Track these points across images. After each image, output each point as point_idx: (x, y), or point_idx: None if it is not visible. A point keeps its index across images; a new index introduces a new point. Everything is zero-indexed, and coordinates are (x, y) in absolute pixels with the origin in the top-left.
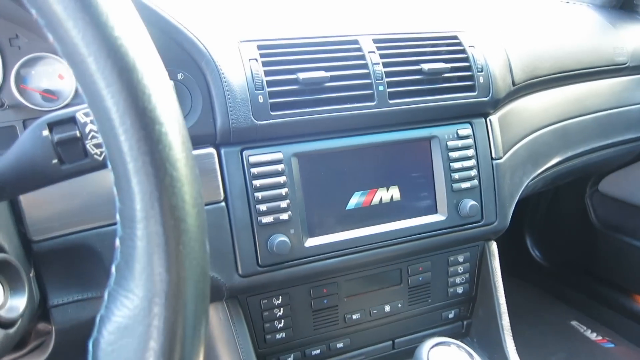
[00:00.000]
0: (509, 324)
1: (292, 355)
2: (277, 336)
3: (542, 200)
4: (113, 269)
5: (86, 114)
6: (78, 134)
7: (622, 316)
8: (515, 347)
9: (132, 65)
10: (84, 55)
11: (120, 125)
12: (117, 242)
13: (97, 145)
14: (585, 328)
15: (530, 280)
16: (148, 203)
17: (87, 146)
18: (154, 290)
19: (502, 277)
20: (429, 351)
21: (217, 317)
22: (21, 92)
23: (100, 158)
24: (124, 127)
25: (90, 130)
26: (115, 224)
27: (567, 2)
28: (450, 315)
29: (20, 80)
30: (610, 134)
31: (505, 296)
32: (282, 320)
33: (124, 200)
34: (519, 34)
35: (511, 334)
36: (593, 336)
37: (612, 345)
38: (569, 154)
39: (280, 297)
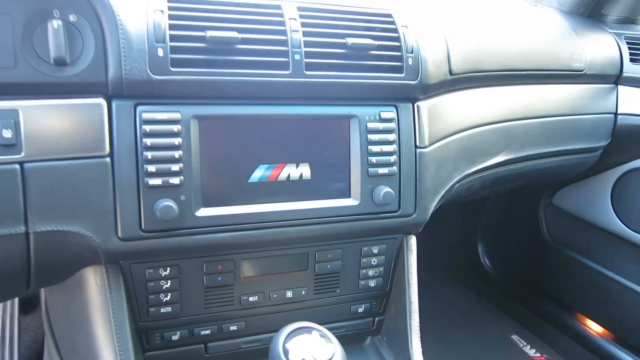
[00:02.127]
0: (417, 324)
1: (179, 333)
2: (162, 310)
3: (496, 210)
4: None
5: None
6: None
7: (563, 334)
8: (421, 349)
9: None
10: None
11: None
12: None
13: None
14: (524, 343)
15: (477, 289)
16: None
17: None
18: None
19: (449, 284)
20: (285, 338)
21: (93, 283)
22: None
23: None
24: None
25: None
26: None
27: (535, 5)
28: (360, 310)
29: None
30: (559, 142)
31: (450, 305)
32: (169, 294)
33: None
34: (467, 24)
35: (419, 335)
36: (531, 352)
37: None
38: (512, 156)
39: (169, 268)
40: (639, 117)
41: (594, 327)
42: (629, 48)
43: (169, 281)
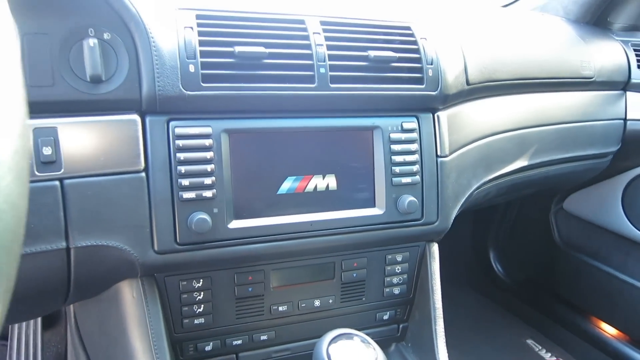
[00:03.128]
0: (443, 330)
1: (211, 344)
2: (196, 321)
3: (507, 216)
4: None
5: None
6: None
7: (578, 337)
8: (447, 355)
9: None
10: None
11: None
12: None
13: None
14: (540, 347)
15: (491, 296)
16: None
17: None
18: None
19: (464, 292)
20: (328, 345)
21: (129, 295)
22: None
23: None
24: None
25: None
26: None
27: (543, 15)
28: (385, 317)
29: None
30: (571, 148)
31: (465, 311)
32: (202, 305)
33: None
34: (481, 35)
35: (444, 340)
36: (547, 356)
37: None
38: (526, 163)
39: (202, 280)
40: None
41: (608, 330)
42: (637, 55)
43: (202, 293)
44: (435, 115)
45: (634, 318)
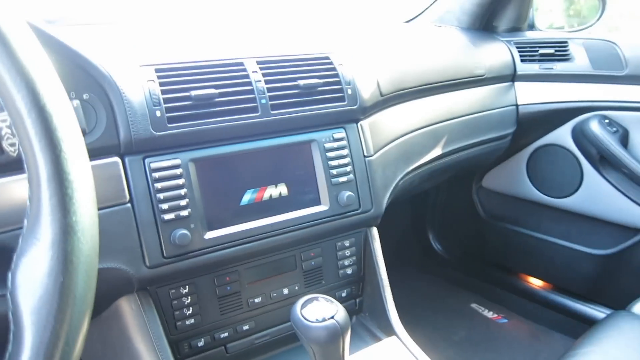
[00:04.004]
0: (391, 296)
1: (203, 340)
2: (187, 322)
3: (438, 200)
4: (25, 222)
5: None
6: None
7: (512, 294)
8: (399, 315)
9: (38, 89)
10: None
11: (31, 129)
12: (28, 202)
13: (12, 144)
14: (483, 308)
15: (434, 272)
16: (49, 174)
17: (3, 145)
18: (54, 234)
19: (411, 272)
20: (301, 308)
21: (129, 308)
22: None
23: (14, 154)
24: (34, 132)
25: (6, 133)
26: None
27: (439, 26)
28: (343, 294)
29: None
30: (475, 135)
31: (413, 289)
32: (191, 308)
33: (32, 174)
34: (388, 52)
35: (394, 304)
36: (490, 315)
37: (506, 321)
38: (440, 152)
39: (187, 286)
40: (535, 105)
41: (535, 282)
42: (519, 51)
43: (190, 297)
44: (359, 124)
45: (553, 268)
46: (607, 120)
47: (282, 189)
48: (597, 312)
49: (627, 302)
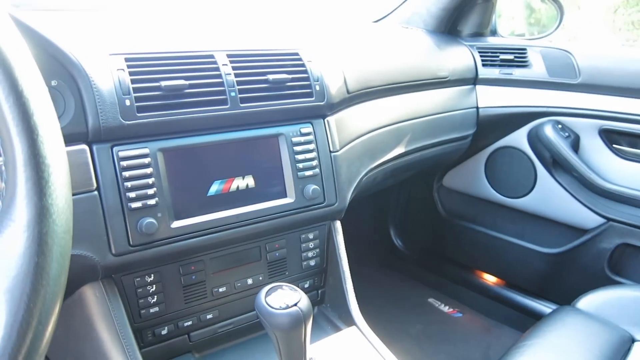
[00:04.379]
0: (352, 288)
1: (166, 328)
2: (151, 310)
3: (400, 198)
4: (0, 203)
5: None
6: None
7: (468, 289)
8: (359, 306)
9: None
10: None
11: (8, 114)
12: (2, 184)
13: None
14: (439, 303)
15: (395, 267)
16: (26, 157)
17: None
18: (30, 216)
19: (372, 266)
20: (265, 296)
21: (93, 296)
22: None
23: None
24: (11, 116)
25: None
26: None
27: (406, 28)
28: (306, 285)
29: None
30: (437, 134)
31: (374, 284)
32: (155, 296)
33: (8, 157)
34: (356, 51)
35: (354, 295)
36: (446, 309)
37: (460, 315)
38: (403, 150)
39: (153, 275)
40: (494, 108)
41: (489, 279)
42: (480, 55)
43: (154, 285)
44: (326, 120)
45: (506, 265)
46: (560, 126)
47: (249, 181)
48: (544, 307)
49: (573, 298)
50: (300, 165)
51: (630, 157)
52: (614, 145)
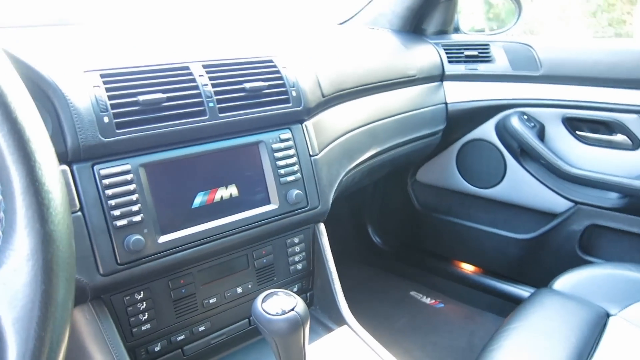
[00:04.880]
0: (340, 288)
1: (159, 344)
2: (143, 328)
3: (376, 195)
4: (0, 233)
5: None
6: None
7: (447, 280)
8: (347, 305)
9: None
10: None
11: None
12: (2, 214)
13: None
14: (422, 295)
15: (376, 264)
16: (24, 185)
17: None
18: (33, 244)
19: (352, 265)
20: (262, 303)
21: (84, 318)
22: None
23: None
24: (7, 144)
25: None
26: None
27: (372, 29)
28: (295, 289)
29: None
30: (409, 132)
31: (357, 282)
32: (146, 313)
33: (5, 186)
34: (327, 55)
35: (343, 295)
36: (428, 301)
37: (442, 305)
38: (378, 149)
39: (142, 292)
40: (462, 103)
41: (467, 268)
42: (446, 53)
43: (145, 302)
44: (304, 124)
45: (483, 253)
46: (525, 116)
47: (232, 190)
48: (523, 291)
49: (549, 280)
50: (282, 171)
51: (592, 142)
52: (577, 132)
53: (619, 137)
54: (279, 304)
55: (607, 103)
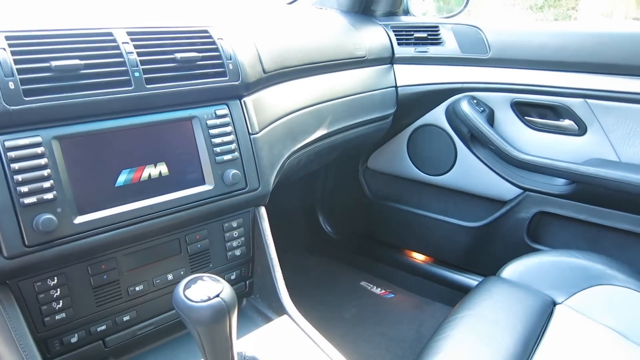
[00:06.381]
0: (281, 276)
1: (76, 335)
2: (57, 317)
3: (327, 182)
4: None
5: None
6: None
7: (398, 269)
8: (290, 294)
9: None
10: None
11: None
12: None
13: None
14: (372, 286)
15: (326, 253)
16: None
17: None
18: None
19: (302, 253)
20: (184, 287)
21: None
22: None
23: None
24: None
25: None
26: None
27: (320, 8)
28: (232, 277)
29: None
30: (359, 115)
31: (306, 273)
32: (61, 301)
33: None
34: (271, 31)
35: (284, 283)
36: (378, 291)
37: (392, 295)
38: (325, 131)
39: (56, 277)
40: (412, 87)
41: (418, 257)
42: (395, 35)
43: (59, 289)
44: (242, 100)
45: (433, 242)
46: (475, 101)
47: (162, 169)
48: (472, 280)
49: (497, 268)
50: (218, 150)
51: (540, 127)
52: (526, 117)
53: (566, 123)
54: (204, 290)
55: (553, 87)
